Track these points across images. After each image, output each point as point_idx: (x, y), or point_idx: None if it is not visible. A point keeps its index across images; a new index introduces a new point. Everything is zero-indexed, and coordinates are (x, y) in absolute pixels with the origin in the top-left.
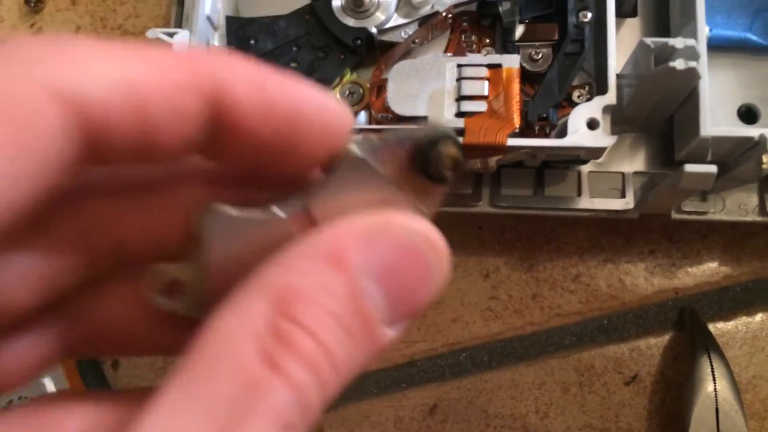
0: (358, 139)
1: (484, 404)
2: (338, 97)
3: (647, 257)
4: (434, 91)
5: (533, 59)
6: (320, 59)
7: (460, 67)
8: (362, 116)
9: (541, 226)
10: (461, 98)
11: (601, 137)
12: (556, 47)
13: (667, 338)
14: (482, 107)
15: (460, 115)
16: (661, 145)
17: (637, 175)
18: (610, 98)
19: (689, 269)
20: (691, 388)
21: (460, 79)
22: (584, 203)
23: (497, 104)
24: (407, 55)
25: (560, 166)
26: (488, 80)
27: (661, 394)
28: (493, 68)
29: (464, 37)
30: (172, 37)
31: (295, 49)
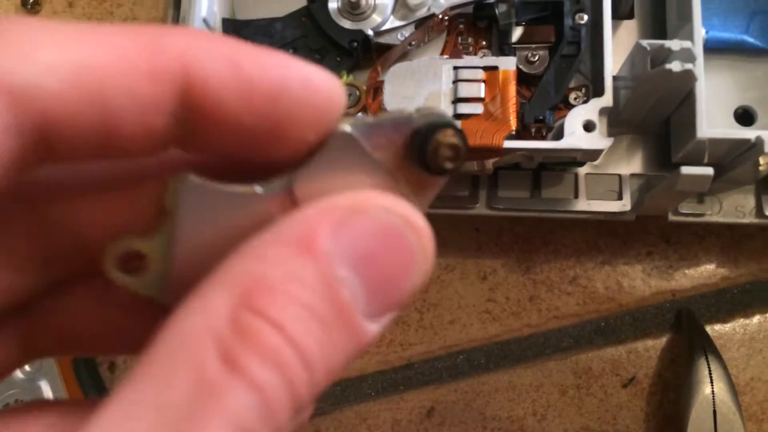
0: (350, 119)
1: (481, 407)
2: None
3: (644, 259)
4: (431, 93)
5: (530, 61)
6: (317, 62)
7: (456, 69)
8: None
9: (538, 228)
10: (458, 100)
11: (597, 139)
12: (552, 49)
13: (664, 340)
14: (479, 109)
15: (456, 117)
16: (657, 147)
17: (633, 177)
18: (606, 100)
19: (686, 271)
20: (688, 390)
21: (456, 81)
22: (581, 205)
23: (494, 106)
24: (404, 57)
25: (557, 168)
26: (485, 82)
27: (658, 396)
28: (489, 70)
29: (461, 39)
30: None
31: (291, 51)
